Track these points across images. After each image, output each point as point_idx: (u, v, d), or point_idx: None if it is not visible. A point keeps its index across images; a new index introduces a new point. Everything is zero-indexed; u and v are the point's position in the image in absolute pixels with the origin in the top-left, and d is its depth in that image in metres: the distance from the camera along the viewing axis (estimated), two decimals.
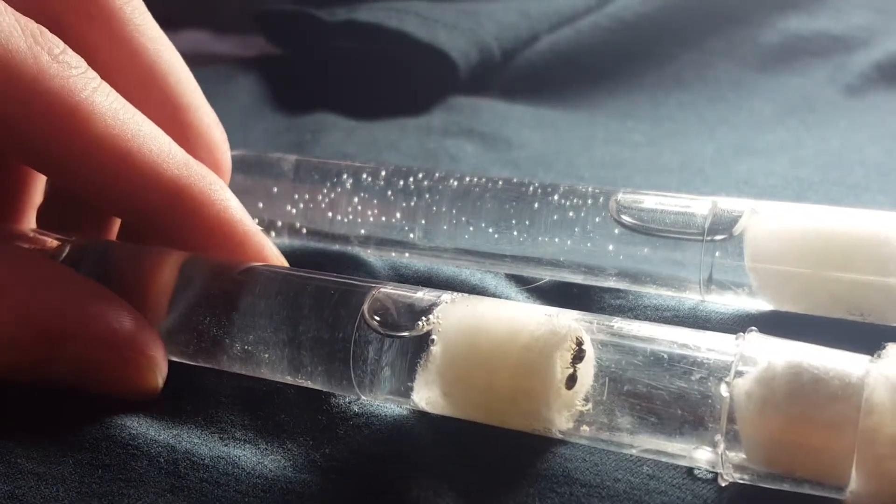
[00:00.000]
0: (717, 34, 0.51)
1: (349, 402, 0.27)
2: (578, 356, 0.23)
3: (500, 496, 0.23)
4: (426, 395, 0.25)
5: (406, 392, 0.25)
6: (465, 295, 0.26)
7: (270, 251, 0.30)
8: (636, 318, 0.27)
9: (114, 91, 0.27)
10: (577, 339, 0.24)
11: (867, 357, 0.22)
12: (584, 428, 0.24)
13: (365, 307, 0.26)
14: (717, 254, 0.29)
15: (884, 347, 0.22)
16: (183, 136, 0.30)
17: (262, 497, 0.24)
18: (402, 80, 0.50)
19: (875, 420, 0.20)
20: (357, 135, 0.46)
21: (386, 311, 0.26)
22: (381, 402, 0.26)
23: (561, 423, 0.24)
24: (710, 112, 0.47)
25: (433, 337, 0.25)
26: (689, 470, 0.23)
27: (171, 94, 0.31)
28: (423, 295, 0.26)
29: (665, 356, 0.23)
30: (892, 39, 0.48)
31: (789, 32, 0.50)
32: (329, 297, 0.26)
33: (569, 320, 0.24)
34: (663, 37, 0.51)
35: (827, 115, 0.45)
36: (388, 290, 0.26)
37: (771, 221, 0.28)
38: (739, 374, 0.22)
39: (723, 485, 0.23)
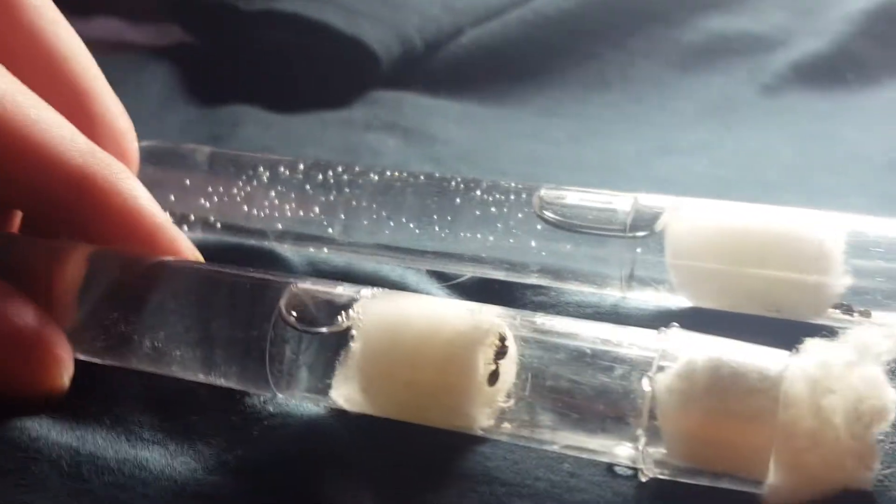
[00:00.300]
0: (640, 33, 0.51)
1: (264, 402, 0.26)
2: (501, 352, 0.23)
3: (420, 496, 0.23)
4: (345, 393, 0.24)
5: (324, 390, 0.25)
6: (386, 290, 0.25)
7: (183, 244, 0.28)
8: (558, 314, 0.27)
9: (10, 74, 0.26)
10: (499, 335, 0.23)
11: (786, 352, 0.22)
12: (506, 425, 0.23)
13: (282, 303, 0.25)
14: (638, 250, 0.28)
15: (802, 342, 0.22)
16: (86, 125, 0.28)
17: (170, 501, 0.23)
18: (323, 72, 0.49)
19: (793, 413, 0.21)
20: (275, 128, 0.45)
21: (304, 306, 0.25)
22: (299, 401, 0.26)
23: (482, 419, 0.23)
24: (633, 111, 0.47)
25: (353, 333, 0.24)
26: (610, 467, 0.23)
27: (73, 80, 0.29)
28: (342, 290, 0.25)
29: (587, 352, 0.23)
30: (809, 40, 0.48)
31: (710, 32, 0.50)
32: (244, 293, 0.26)
33: (491, 316, 0.24)
34: (587, 34, 0.51)
35: (746, 116, 0.45)
36: (306, 285, 0.25)
37: (691, 218, 0.28)
38: (661, 369, 0.22)
39: (643, 480, 0.22)
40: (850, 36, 0.48)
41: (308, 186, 0.33)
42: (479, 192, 0.31)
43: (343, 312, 0.24)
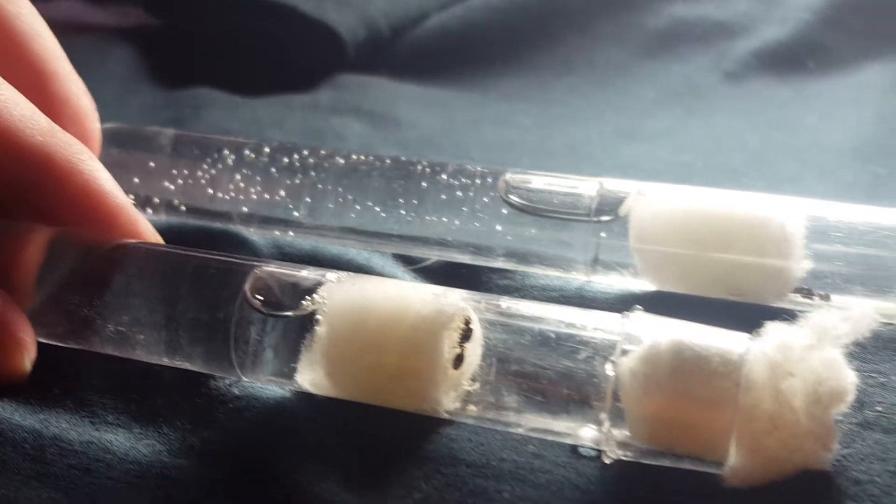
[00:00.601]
0: (606, 18, 0.51)
1: (229, 385, 0.26)
2: (466, 336, 0.23)
3: (385, 479, 0.23)
4: (310, 377, 0.24)
5: (289, 373, 0.25)
6: (351, 274, 0.25)
7: (144, 227, 0.28)
8: (523, 297, 0.27)
9: None
10: (464, 318, 0.23)
11: (747, 335, 0.22)
12: (471, 407, 0.23)
13: (247, 286, 0.25)
14: (602, 234, 0.29)
15: (763, 326, 0.22)
16: (47, 105, 0.28)
17: (135, 484, 0.23)
18: (288, 56, 0.49)
19: (753, 397, 0.21)
20: (240, 111, 0.45)
21: (269, 290, 0.25)
22: (264, 384, 0.26)
23: (448, 402, 0.23)
24: (598, 96, 0.47)
25: (318, 317, 0.24)
26: (574, 448, 0.23)
27: (34, 60, 0.29)
28: (307, 274, 0.25)
29: (552, 335, 0.23)
30: (772, 27, 0.49)
31: (675, 18, 0.51)
32: (209, 276, 0.26)
33: (456, 299, 0.24)
34: (553, 19, 0.51)
35: (709, 102, 0.46)
36: (272, 268, 0.25)
37: (654, 203, 0.29)
38: (624, 352, 0.22)
39: (607, 462, 0.23)
40: (811, 24, 0.48)
41: (273, 169, 0.33)
42: (444, 176, 0.31)
43: (308, 296, 0.24)
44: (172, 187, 0.33)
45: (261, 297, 0.25)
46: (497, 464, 0.23)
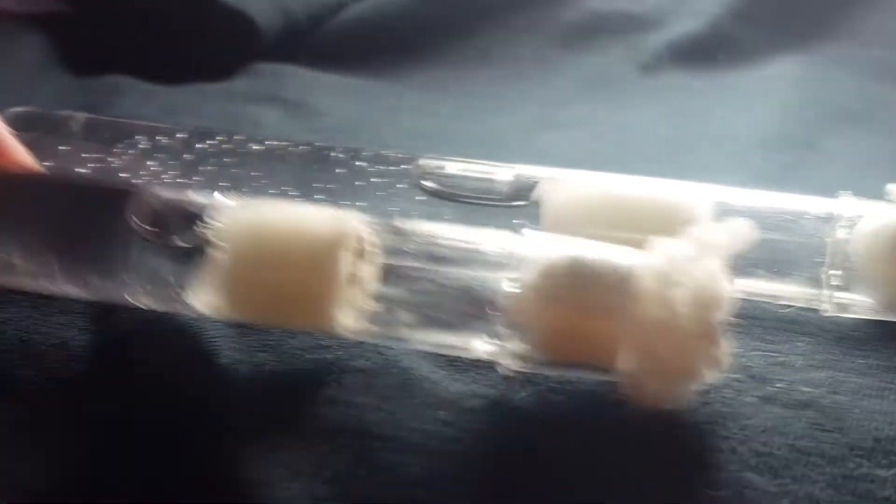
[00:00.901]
0: (523, 10, 0.52)
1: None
2: (362, 254, 0.24)
3: (294, 453, 0.23)
4: (207, 299, 0.24)
5: (184, 297, 0.24)
6: (246, 199, 0.25)
7: (20, 154, 0.27)
8: None
9: None
10: (360, 237, 0.24)
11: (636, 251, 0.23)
12: (372, 327, 0.24)
13: (133, 211, 0.24)
14: (515, 220, 0.29)
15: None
16: None
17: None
18: (204, 43, 0.48)
19: (643, 306, 0.22)
20: (154, 99, 0.44)
21: (159, 215, 0.25)
22: (160, 310, 0.25)
23: (347, 321, 0.24)
24: (515, 87, 0.47)
25: (214, 240, 0.24)
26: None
27: None
28: (201, 198, 0.25)
29: (448, 253, 0.24)
30: (684, 20, 0.50)
31: (590, 11, 0.51)
32: (95, 202, 0.25)
33: (353, 219, 0.24)
34: (470, 10, 0.51)
35: (624, 93, 0.46)
36: (162, 192, 0.25)
37: (567, 188, 0.29)
38: (519, 268, 0.23)
39: (504, 374, 0.24)
40: (722, 17, 0.49)
41: (187, 155, 0.32)
42: (360, 162, 0.31)
43: (201, 220, 0.24)
44: (84, 171, 0.33)
45: (150, 223, 0.24)
46: (407, 435, 0.23)
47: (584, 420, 0.24)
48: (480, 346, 0.24)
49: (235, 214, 0.24)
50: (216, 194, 0.25)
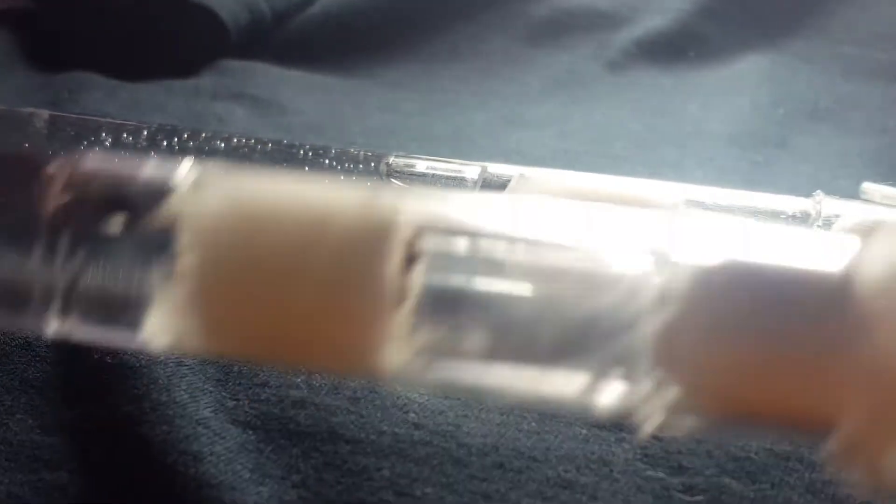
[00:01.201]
0: (491, 7, 0.51)
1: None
2: (414, 258, 0.15)
3: (261, 458, 0.22)
4: (171, 327, 0.16)
5: (135, 323, 0.16)
6: (225, 167, 0.17)
7: None
8: None
9: None
10: (415, 229, 0.15)
11: None
12: (428, 362, 0.16)
13: (53, 195, 0.16)
14: None
15: None
16: None
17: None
18: (170, 40, 0.48)
19: (877, 338, 0.14)
20: (119, 95, 0.44)
21: (101, 193, 0.16)
22: (90, 341, 0.17)
23: (394, 356, 0.15)
24: (483, 84, 0.47)
25: (181, 232, 0.15)
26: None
27: None
28: (158, 171, 0.16)
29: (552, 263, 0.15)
30: (653, 17, 0.50)
31: (559, 8, 0.51)
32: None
33: (396, 203, 0.15)
34: (438, 7, 0.51)
35: (592, 90, 0.46)
36: (100, 161, 0.16)
37: (537, 186, 0.29)
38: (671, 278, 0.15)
39: (645, 438, 0.19)
40: (691, 14, 0.49)
41: (153, 152, 0.32)
42: (327, 160, 0.30)
43: (162, 200, 0.16)
44: None
45: (87, 204, 0.16)
46: (376, 438, 0.23)
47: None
48: (607, 395, 0.15)
49: (211, 192, 0.16)
50: (185, 162, 0.16)
